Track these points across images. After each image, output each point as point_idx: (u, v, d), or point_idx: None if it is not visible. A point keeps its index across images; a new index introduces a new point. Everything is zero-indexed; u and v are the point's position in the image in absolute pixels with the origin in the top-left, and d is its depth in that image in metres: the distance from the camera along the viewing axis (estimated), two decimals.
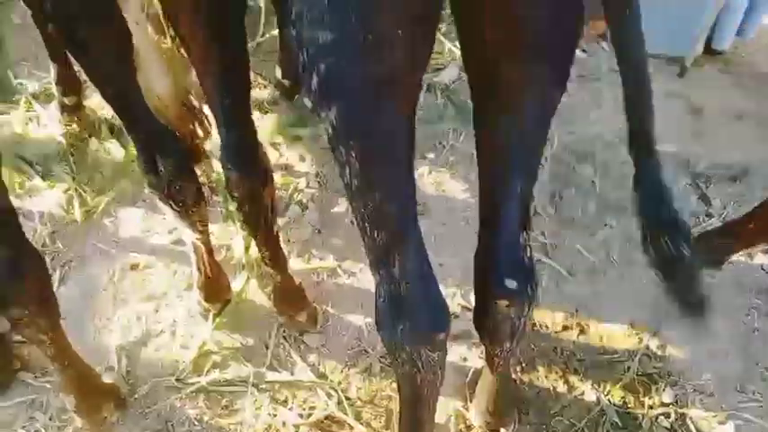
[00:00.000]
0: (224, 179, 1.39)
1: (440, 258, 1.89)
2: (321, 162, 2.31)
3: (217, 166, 2.01)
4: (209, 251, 1.65)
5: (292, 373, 1.75)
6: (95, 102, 2.39)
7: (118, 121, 2.32)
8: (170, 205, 1.39)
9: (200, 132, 1.31)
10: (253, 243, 1.92)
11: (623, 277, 1.96)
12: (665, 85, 2.60)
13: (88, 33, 1.08)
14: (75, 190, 2.18)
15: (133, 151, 2.24)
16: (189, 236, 1.56)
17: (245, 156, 1.33)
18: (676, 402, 1.67)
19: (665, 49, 2.71)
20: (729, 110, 2.51)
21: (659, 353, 1.77)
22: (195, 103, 1.27)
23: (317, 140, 2.35)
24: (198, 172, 1.49)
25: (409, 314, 1.04)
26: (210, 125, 1.27)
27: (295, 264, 1.97)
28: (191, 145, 1.31)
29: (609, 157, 2.31)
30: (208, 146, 1.86)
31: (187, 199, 1.37)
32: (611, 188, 2.21)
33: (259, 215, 1.44)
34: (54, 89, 2.30)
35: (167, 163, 1.27)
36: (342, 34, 0.79)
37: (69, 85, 2.25)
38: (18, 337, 1.64)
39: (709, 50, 2.70)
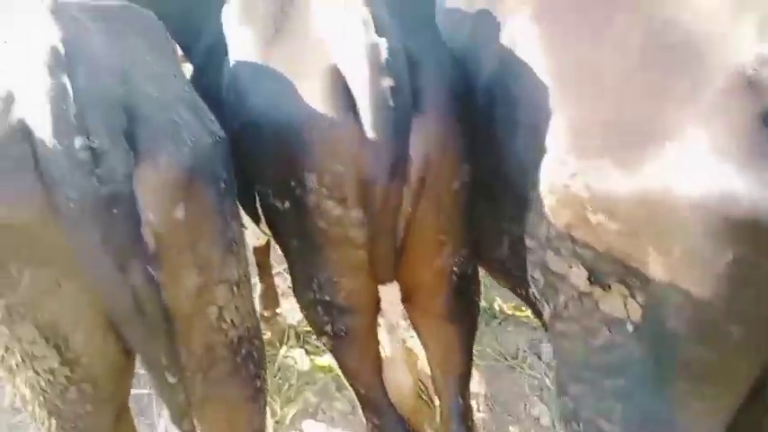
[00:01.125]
0: None
1: None
2: (490, 383, 2.37)
3: None
4: None
5: None
6: (285, 308, 2.68)
7: (303, 329, 2.59)
8: None
9: (428, 416, 1.46)
10: None
11: None
12: None
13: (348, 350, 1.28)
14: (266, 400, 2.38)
15: (317, 362, 2.47)
16: None
17: (468, 423, 1.44)
18: None
19: None
20: None
21: None
22: (431, 394, 1.42)
23: (485, 358, 2.43)
24: None
25: None
26: (436, 410, 1.41)
27: None
28: (416, 425, 1.45)
29: None
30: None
31: None
32: None
33: None
34: (257, 302, 2.61)
35: None
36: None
37: (270, 300, 2.55)
38: None
39: None
